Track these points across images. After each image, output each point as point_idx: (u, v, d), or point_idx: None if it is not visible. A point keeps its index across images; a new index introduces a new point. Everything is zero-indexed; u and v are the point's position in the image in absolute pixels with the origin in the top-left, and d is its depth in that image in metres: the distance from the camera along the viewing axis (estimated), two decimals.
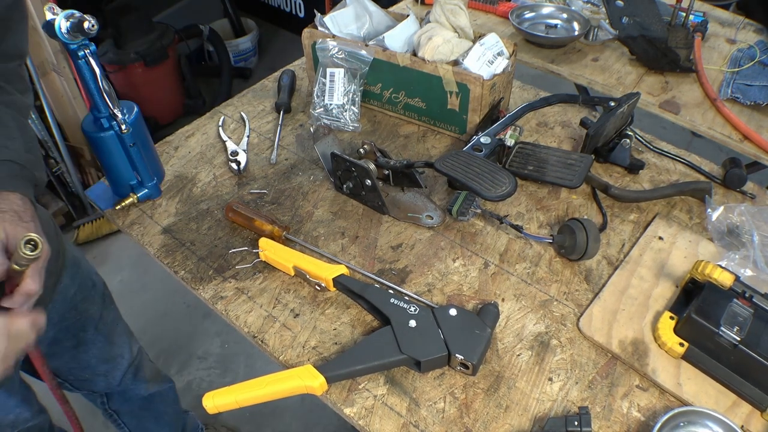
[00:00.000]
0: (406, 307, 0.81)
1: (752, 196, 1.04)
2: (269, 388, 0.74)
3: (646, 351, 0.80)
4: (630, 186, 1.07)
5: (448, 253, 0.94)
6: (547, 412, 0.74)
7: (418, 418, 0.74)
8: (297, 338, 0.83)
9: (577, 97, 1.12)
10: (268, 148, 1.16)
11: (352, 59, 1.16)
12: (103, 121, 0.93)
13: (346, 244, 0.96)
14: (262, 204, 1.04)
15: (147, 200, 1.04)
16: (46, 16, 0.81)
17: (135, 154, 0.97)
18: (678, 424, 0.71)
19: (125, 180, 1.00)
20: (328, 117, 1.19)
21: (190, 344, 2.02)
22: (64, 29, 0.81)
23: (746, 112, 1.22)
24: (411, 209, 1.01)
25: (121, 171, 0.99)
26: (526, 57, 1.41)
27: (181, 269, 0.93)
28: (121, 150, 0.96)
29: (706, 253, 0.93)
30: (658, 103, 1.26)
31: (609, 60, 1.40)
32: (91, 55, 0.86)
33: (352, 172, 0.99)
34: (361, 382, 0.78)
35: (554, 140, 1.17)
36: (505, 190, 0.84)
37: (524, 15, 1.50)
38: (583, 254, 0.89)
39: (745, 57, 1.37)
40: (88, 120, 0.95)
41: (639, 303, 0.86)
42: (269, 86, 1.34)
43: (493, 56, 1.12)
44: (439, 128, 1.19)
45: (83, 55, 0.86)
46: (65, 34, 0.82)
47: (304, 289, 0.90)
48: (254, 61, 3.37)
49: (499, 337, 0.83)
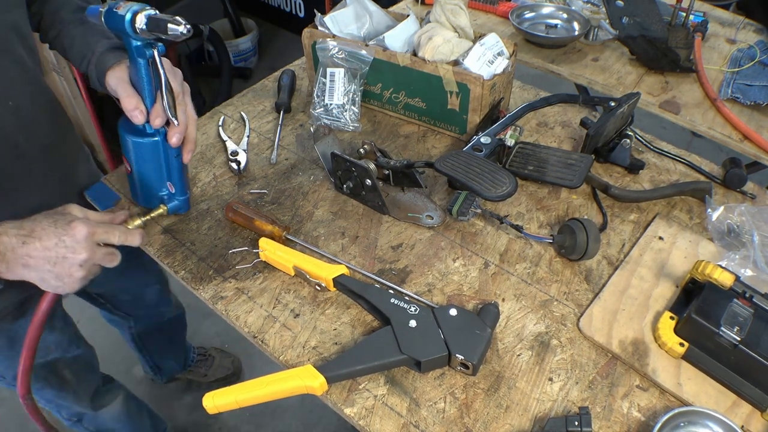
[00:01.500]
0: (406, 307, 0.81)
1: (752, 196, 1.04)
2: (269, 388, 0.74)
3: (646, 351, 0.80)
4: (630, 186, 1.07)
5: (449, 253, 0.94)
6: (547, 412, 0.74)
7: (419, 418, 0.74)
8: (297, 338, 0.83)
9: (577, 97, 1.12)
10: (268, 148, 1.16)
11: (352, 59, 1.16)
12: (147, 126, 0.86)
13: (346, 244, 0.96)
14: (262, 204, 1.04)
15: (175, 213, 0.99)
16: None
17: (177, 165, 0.91)
18: (678, 424, 0.71)
19: (156, 190, 0.94)
20: (328, 117, 1.19)
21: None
22: (140, 24, 0.75)
23: (746, 112, 1.22)
24: (411, 209, 1.01)
25: (155, 180, 0.93)
26: (526, 57, 1.41)
27: (181, 269, 0.93)
28: (161, 158, 0.90)
29: (706, 253, 0.93)
30: (658, 103, 1.26)
31: (609, 60, 1.40)
32: (159, 55, 0.80)
33: (352, 172, 0.99)
34: (362, 382, 0.78)
35: (554, 140, 1.17)
36: (505, 190, 0.84)
37: (524, 15, 1.50)
38: (583, 254, 0.89)
39: (745, 57, 1.37)
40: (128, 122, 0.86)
41: (639, 303, 0.86)
42: (269, 86, 1.34)
43: (493, 56, 1.12)
44: (439, 128, 1.19)
45: (150, 54, 0.79)
46: (136, 30, 0.76)
47: (304, 289, 0.90)
48: (254, 61, 3.38)
49: (500, 337, 0.83)
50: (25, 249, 0.75)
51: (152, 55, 0.80)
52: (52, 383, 1.23)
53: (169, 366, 1.85)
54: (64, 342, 1.21)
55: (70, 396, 1.30)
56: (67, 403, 1.32)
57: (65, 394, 1.28)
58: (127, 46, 0.80)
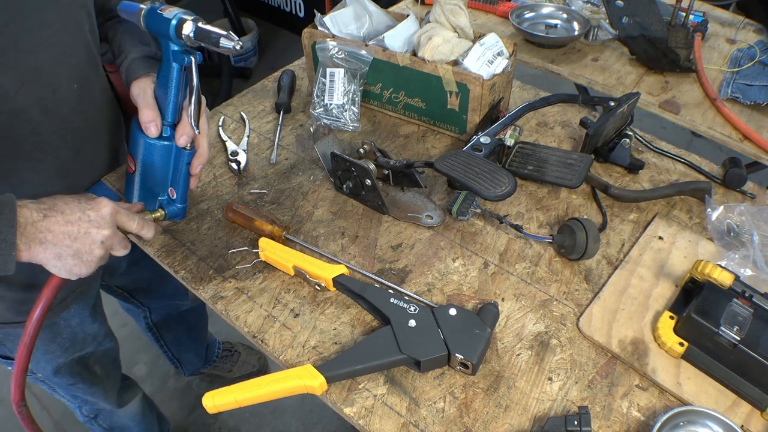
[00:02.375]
0: (406, 306, 0.81)
1: (752, 196, 1.04)
2: (269, 388, 0.74)
3: (646, 351, 0.80)
4: (630, 186, 1.07)
5: (448, 253, 0.94)
6: (546, 412, 0.74)
7: (418, 418, 0.74)
8: (297, 338, 0.83)
9: (577, 97, 1.12)
10: (268, 148, 1.16)
11: (352, 59, 1.16)
12: (165, 129, 0.86)
13: (346, 244, 0.96)
14: (262, 204, 1.04)
15: (171, 219, 0.97)
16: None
17: (184, 172, 0.90)
18: (678, 423, 0.71)
19: (157, 193, 0.93)
20: (327, 117, 1.19)
21: None
22: (187, 31, 0.75)
23: (746, 112, 1.22)
24: (411, 209, 1.01)
25: (158, 183, 0.92)
26: (526, 57, 1.41)
27: (181, 269, 0.93)
28: (170, 163, 0.90)
29: (706, 252, 0.93)
30: (658, 103, 1.26)
31: (609, 60, 1.40)
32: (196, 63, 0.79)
33: (352, 172, 0.99)
34: (361, 382, 0.78)
35: (554, 140, 1.17)
36: (505, 190, 0.84)
37: (524, 15, 1.50)
38: (582, 254, 0.89)
39: (745, 57, 1.37)
40: None
41: (639, 303, 0.86)
42: (269, 86, 1.34)
43: (493, 56, 1.12)
44: (439, 128, 1.19)
45: (188, 61, 0.79)
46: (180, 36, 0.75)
47: (304, 289, 0.90)
48: (254, 61, 3.38)
49: (499, 336, 0.83)
50: (45, 223, 0.72)
51: (190, 62, 0.80)
52: (84, 378, 1.24)
53: (189, 359, 1.82)
54: (101, 334, 1.22)
55: (100, 392, 1.31)
56: (95, 399, 1.33)
57: (95, 389, 1.29)
58: (164, 49, 0.80)
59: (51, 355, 1.12)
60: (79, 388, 1.25)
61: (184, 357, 1.79)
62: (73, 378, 1.21)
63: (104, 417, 1.43)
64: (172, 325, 1.62)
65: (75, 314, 1.12)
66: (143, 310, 1.52)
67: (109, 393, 1.36)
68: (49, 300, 0.81)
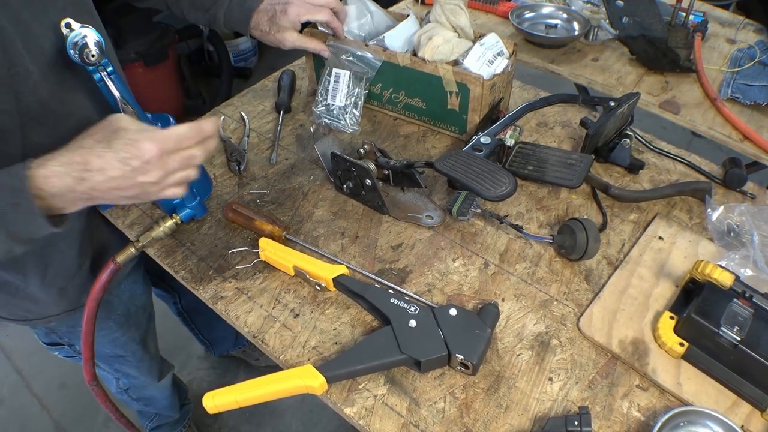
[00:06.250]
0: (406, 307, 0.81)
1: (752, 196, 1.04)
2: (269, 388, 0.74)
3: (646, 351, 0.80)
4: (630, 186, 1.07)
5: (448, 253, 0.94)
6: (547, 412, 0.74)
7: (419, 418, 0.74)
8: (297, 338, 0.83)
9: (577, 97, 1.12)
10: (268, 148, 1.16)
11: (360, 62, 1.15)
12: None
13: (346, 244, 0.96)
14: (262, 204, 1.04)
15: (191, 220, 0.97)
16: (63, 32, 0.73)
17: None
18: (678, 423, 0.71)
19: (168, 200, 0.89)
20: (328, 117, 1.19)
21: (190, 344, 2.01)
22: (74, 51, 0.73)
23: (746, 112, 1.22)
24: (411, 209, 1.01)
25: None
26: (526, 57, 1.41)
27: (181, 269, 0.93)
28: None
29: (706, 253, 0.93)
30: (658, 103, 1.26)
31: (609, 60, 1.40)
32: (108, 77, 0.78)
33: (352, 172, 0.99)
34: (361, 382, 0.78)
35: (554, 140, 1.17)
36: (505, 190, 0.84)
37: (524, 15, 1.50)
38: (583, 254, 0.89)
39: (745, 57, 1.37)
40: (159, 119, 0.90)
41: (639, 303, 0.86)
42: (269, 86, 1.34)
43: (493, 56, 1.12)
44: (439, 128, 1.19)
45: (99, 78, 0.78)
46: (75, 56, 0.74)
47: (304, 289, 0.90)
48: (254, 61, 3.38)
49: (499, 337, 0.83)
50: (84, 185, 0.66)
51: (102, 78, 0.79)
52: (136, 353, 1.28)
53: (219, 340, 1.86)
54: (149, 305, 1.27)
55: (145, 366, 1.35)
56: (138, 373, 1.37)
57: (142, 364, 1.33)
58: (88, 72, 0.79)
59: (106, 331, 1.16)
60: (128, 362, 1.29)
61: (214, 337, 1.83)
62: (127, 353, 1.25)
63: (136, 389, 1.46)
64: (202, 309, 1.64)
65: (125, 290, 1.17)
66: (173, 295, 1.55)
67: (154, 368, 1.40)
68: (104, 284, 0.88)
